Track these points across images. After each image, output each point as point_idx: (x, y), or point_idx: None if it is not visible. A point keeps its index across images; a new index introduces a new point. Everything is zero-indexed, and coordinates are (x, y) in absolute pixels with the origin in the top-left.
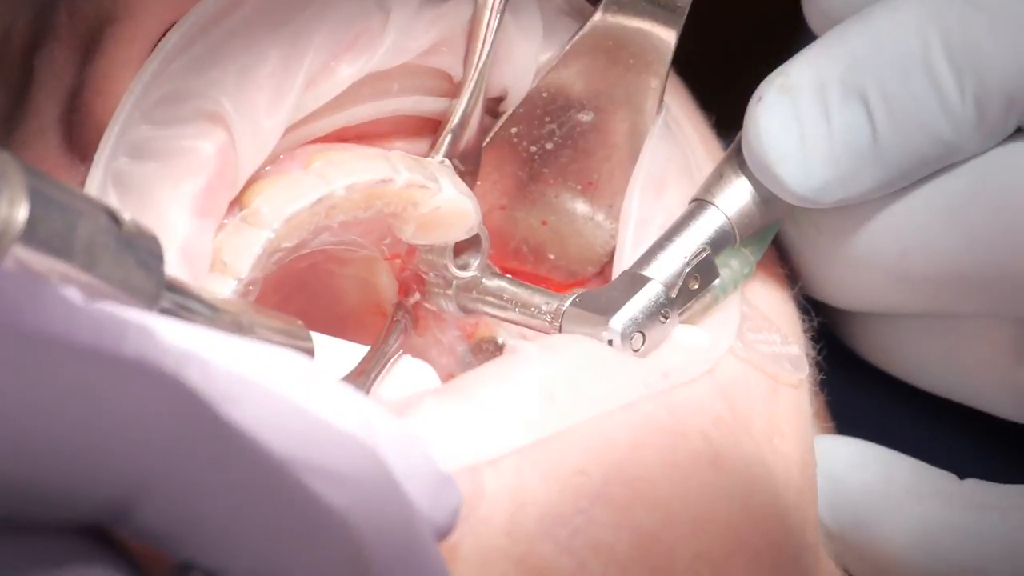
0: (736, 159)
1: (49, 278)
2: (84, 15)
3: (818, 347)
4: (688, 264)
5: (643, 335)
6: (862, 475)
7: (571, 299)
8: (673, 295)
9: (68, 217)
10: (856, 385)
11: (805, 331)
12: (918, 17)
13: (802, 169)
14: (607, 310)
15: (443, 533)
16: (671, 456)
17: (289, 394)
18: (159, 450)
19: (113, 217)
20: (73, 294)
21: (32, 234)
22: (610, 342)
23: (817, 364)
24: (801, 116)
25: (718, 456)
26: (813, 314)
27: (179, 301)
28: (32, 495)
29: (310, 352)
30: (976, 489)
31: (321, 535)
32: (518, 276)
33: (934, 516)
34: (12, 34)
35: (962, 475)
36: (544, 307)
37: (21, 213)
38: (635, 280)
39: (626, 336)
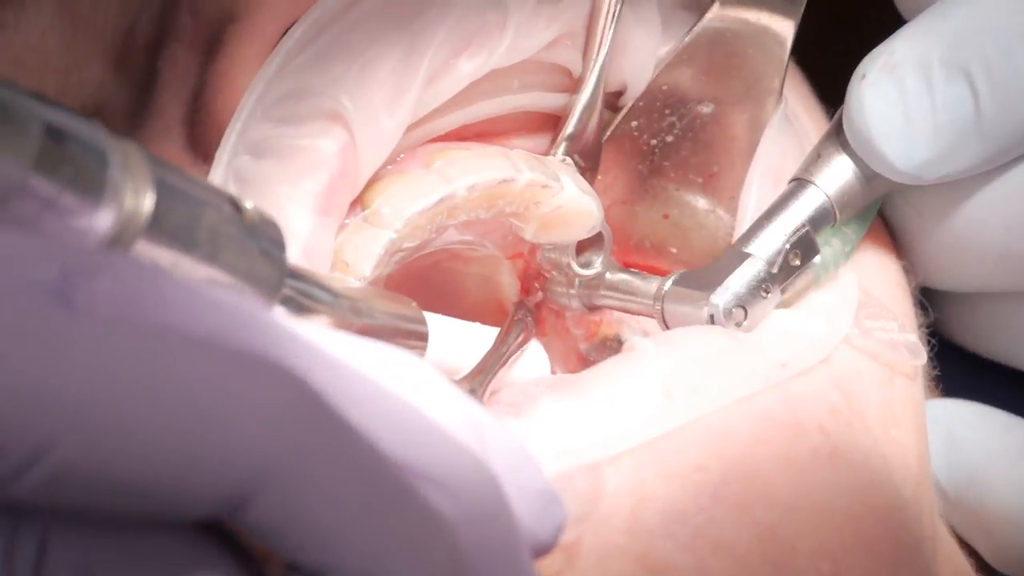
0: (836, 138)
1: (171, 270)
2: (206, 14)
3: (932, 342)
4: (788, 240)
5: (745, 310)
6: (979, 435)
7: (673, 278)
8: (774, 271)
9: (193, 207)
10: (968, 379)
11: (920, 326)
12: None
13: (906, 146)
14: (708, 286)
15: (544, 550)
16: (789, 451)
17: (408, 397)
18: (278, 446)
19: (235, 205)
20: (194, 284)
21: (158, 225)
22: (711, 317)
23: (931, 359)
24: (906, 93)
25: (835, 449)
26: (930, 310)
27: (300, 288)
28: (153, 493)
29: (424, 336)
30: None
31: (430, 543)
32: (641, 271)
33: None
34: (136, 33)
35: None
36: (650, 290)
37: (147, 203)
38: (736, 257)
39: (727, 311)
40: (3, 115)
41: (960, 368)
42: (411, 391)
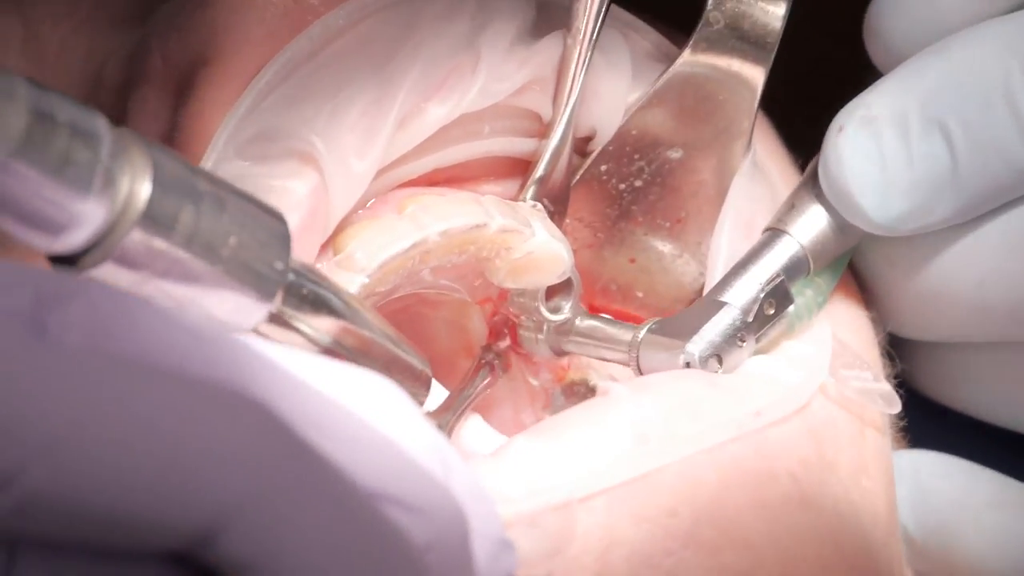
0: (811, 188)
1: (168, 260)
2: (177, 58)
3: (901, 393)
4: (763, 290)
5: (720, 358)
6: (946, 485)
7: (648, 326)
8: (749, 320)
9: (190, 193)
10: (934, 430)
11: (887, 376)
12: (997, 48)
13: (883, 199)
14: (683, 335)
15: None
16: (760, 497)
17: (378, 423)
18: (248, 478)
19: (236, 193)
20: (165, 310)
21: (154, 212)
22: (687, 365)
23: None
24: (883, 146)
25: (806, 496)
26: (897, 360)
27: (306, 283)
28: (122, 524)
29: (427, 378)
30: None
31: (400, 569)
32: (607, 315)
33: (1014, 524)
34: (104, 77)
35: None
36: (625, 338)
37: (144, 190)
38: (711, 305)
39: (703, 359)
40: None
41: (925, 418)
42: (381, 417)
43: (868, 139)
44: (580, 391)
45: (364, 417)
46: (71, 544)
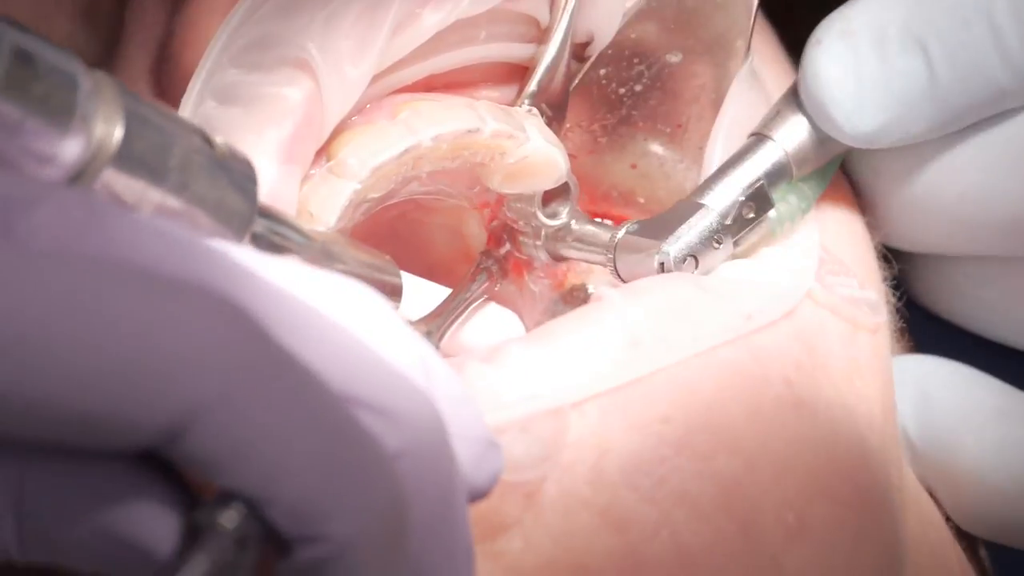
0: (794, 98)
1: (140, 203)
2: None
3: (899, 294)
4: (743, 193)
5: (696, 260)
6: (951, 392)
7: (625, 227)
8: (727, 222)
9: (163, 138)
10: (937, 332)
11: (885, 279)
12: None
13: (857, 112)
14: (661, 236)
15: (479, 495)
16: (753, 402)
17: (355, 328)
18: (215, 376)
19: (206, 139)
20: (140, 216)
21: (127, 153)
22: (661, 265)
23: (898, 311)
24: (860, 60)
25: (800, 400)
26: (894, 263)
27: (271, 227)
28: (88, 422)
29: (398, 288)
30: None
31: (368, 473)
32: (607, 221)
33: (1015, 435)
34: None
35: None
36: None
37: (117, 132)
38: (689, 207)
39: (678, 260)
40: None
41: (930, 321)
42: (359, 323)
43: (845, 52)
44: (579, 296)
45: (339, 321)
46: (36, 443)
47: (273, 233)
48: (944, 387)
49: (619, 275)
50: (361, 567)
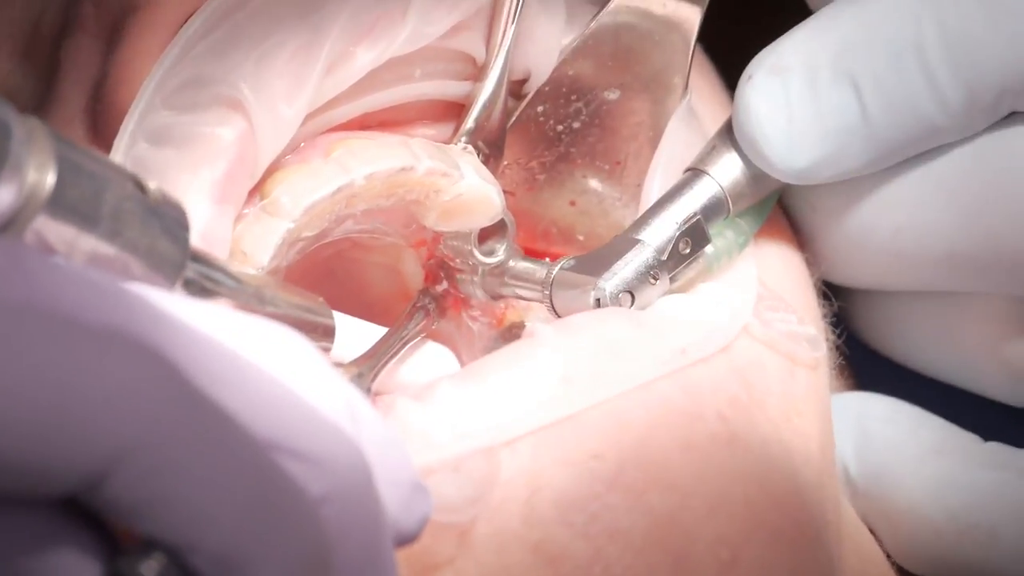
0: (729, 133)
1: (72, 250)
2: (109, 5)
3: (838, 331)
4: (679, 228)
5: (632, 295)
6: (891, 429)
7: (561, 264)
8: (663, 258)
9: (95, 184)
10: (877, 368)
11: (824, 315)
12: (913, 3)
13: (789, 149)
14: (597, 272)
15: (407, 540)
16: (687, 438)
17: (280, 374)
18: (135, 423)
19: (139, 185)
20: (66, 264)
21: (60, 201)
22: (597, 301)
23: (837, 348)
24: (790, 97)
25: (734, 436)
26: (833, 299)
27: (203, 271)
28: (7, 469)
29: (331, 329)
30: (998, 451)
31: (291, 519)
32: (546, 258)
33: (953, 473)
34: (41, 25)
35: None
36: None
37: (49, 179)
38: (626, 243)
39: (614, 295)
40: None
41: (872, 358)
42: (284, 368)
43: (776, 88)
44: (518, 334)
45: (265, 367)
46: None
47: (205, 278)
48: (883, 424)
49: (556, 311)
50: None
